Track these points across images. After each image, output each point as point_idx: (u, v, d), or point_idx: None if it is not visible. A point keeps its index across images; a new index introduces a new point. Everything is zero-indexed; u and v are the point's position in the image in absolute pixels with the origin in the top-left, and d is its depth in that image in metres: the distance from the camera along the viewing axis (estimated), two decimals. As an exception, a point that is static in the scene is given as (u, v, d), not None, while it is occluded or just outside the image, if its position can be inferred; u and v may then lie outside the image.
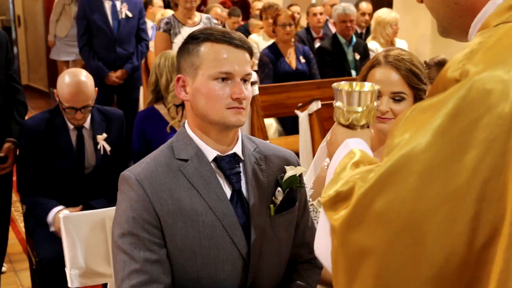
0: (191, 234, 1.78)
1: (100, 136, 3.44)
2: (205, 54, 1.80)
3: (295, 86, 5.38)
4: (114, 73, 5.39)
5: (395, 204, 1.05)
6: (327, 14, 7.58)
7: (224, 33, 1.82)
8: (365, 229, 1.08)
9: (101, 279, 2.84)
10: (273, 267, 1.90)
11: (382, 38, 6.29)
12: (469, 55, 1.10)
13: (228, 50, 1.80)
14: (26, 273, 4.30)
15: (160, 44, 4.97)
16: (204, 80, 1.79)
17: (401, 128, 1.11)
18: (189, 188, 1.80)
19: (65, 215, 2.74)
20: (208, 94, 1.78)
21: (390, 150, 1.10)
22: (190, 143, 1.86)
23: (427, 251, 1.03)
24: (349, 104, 1.51)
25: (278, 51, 5.79)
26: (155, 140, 3.62)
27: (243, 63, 1.82)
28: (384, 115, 2.11)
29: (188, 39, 1.87)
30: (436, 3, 1.28)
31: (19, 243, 4.83)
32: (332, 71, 5.98)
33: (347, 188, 1.16)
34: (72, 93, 3.26)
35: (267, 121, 5.50)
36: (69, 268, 2.73)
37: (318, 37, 7.12)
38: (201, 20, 5.13)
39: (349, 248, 1.11)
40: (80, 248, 2.73)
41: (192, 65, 1.82)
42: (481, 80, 1.03)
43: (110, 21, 5.39)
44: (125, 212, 1.78)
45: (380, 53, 2.21)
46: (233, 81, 1.79)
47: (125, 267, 1.75)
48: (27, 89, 9.21)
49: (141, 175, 1.79)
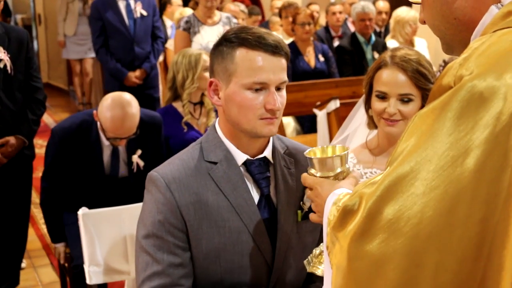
0: (216, 239, 1.76)
1: (134, 156, 3.26)
2: (240, 61, 1.73)
3: (313, 85, 5.36)
4: (133, 73, 5.36)
5: (405, 211, 1.05)
6: (346, 12, 7.55)
7: (260, 38, 1.73)
8: (379, 238, 1.07)
9: (119, 276, 2.86)
10: (296, 272, 1.88)
11: (401, 37, 6.24)
12: (462, 61, 1.12)
13: (264, 57, 1.73)
14: (45, 269, 4.35)
15: (180, 42, 4.97)
16: (237, 88, 1.74)
17: (405, 136, 1.14)
18: (217, 192, 1.78)
19: (84, 212, 2.75)
20: (241, 103, 1.74)
21: (395, 159, 1.12)
22: (220, 146, 1.83)
23: (441, 257, 1.03)
24: (321, 170, 1.54)
25: (297, 49, 5.78)
26: (173, 137, 3.64)
27: (279, 71, 1.75)
28: (392, 117, 2.08)
29: (222, 40, 1.80)
30: (437, 21, 1.31)
31: (38, 239, 4.88)
32: (351, 69, 5.96)
33: (354, 201, 1.16)
34: (117, 127, 3.02)
35: (285, 119, 5.49)
36: (87, 265, 2.75)
37: (337, 36, 7.09)
38: (220, 19, 5.11)
39: (362, 263, 1.09)
40: (98, 246, 2.75)
41: (226, 71, 1.76)
42: (474, 85, 1.05)
43: (126, 21, 5.35)
44: (151, 214, 1.77)
45: (386, 53, 2.17)
46: (267, 90, 1.74)
47: (147, 268, 1.75)
48: (47, 87, 9.27)
49: (168, 177, 1.77)
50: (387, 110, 2.08)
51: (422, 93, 2.09)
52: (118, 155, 3.26)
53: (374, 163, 2.21)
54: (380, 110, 2.11)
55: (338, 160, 1.54)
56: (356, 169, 2.20)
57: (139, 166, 3.31)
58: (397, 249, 1.05)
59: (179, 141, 3.55)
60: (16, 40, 3.52)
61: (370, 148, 2.25)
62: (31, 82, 3.64)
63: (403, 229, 1.04)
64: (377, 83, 2.14)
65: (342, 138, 2.62)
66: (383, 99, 2.11)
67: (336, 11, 7.05)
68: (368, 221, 1.10)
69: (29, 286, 4.11)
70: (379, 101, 2.12)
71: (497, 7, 1.20)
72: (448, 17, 1.27)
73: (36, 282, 4.17)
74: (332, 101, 4.63)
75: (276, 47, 1.74)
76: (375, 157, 2.22)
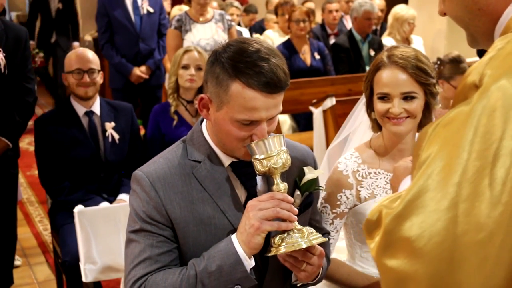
0: (203, 237, 1.76)
1: (108, 123, 3.51)
2: (234, 96, 1.66)
3: (309, 83, 5.36)
4: (138, 68, 5.34)
5: (427, 228, 0.96)
6: (342, 10, 7.55)
7: (258, 74, 1.64)
8: (400, 255, 1.00)
9: (115, 274, 2.86)
10: (286, 269, 1.87)
11: (399, 35, 6.24)
12: (488, 60, 1.07)
13: (259, 98, 1.66)
14: (41, 267, 4.34)
15: (171, 41, 4.97)
16: (227, 118, 1.70)
17: (426, 145, 1.06)
18: (201, 191, 1.78)
19: (79, 210, 2.75)
20: (228, 132, 1.71)
21: (419, 168, 1.03)
22: (204, 145, 1.82)
23: (464, 276, 0.94)
24: (262, 153, 1.69)
25: (293, 47, 5.77)
26: (168, 134, 3.66)
27: (274, 108, 1.70)
28: (398, 116, 2.07)
29: (218, 60, 1.70)
30: (460, 12, 1.26)
31: (34, 237, 4.87)
32: (347, 67, 5.96)
33: (376, 216, 1.10)
34: (78, 56, 3.49)
35: (281, 117, 5.49)
36: (83, 263, 2.75)
37: (333, 33, 7.09)
38: (213, 16, 5.09)
39: (389, 276, 1.03)
40: (94, 243, 2.74)
41: (218, 97, 1.70)
42: (500, 88, 0.99)
43: (132, 17, 5.34)
44: (136, 212, 1.77)
45: (382, 53, 2.14)
46: (258, 123, 1.70)
47: (134, 259, 1.74)
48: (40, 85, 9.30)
49: (153, 176, 1.76)
50: (391, 110, 2.06)
51: (424, 89, 2.07)
52: (95, 125, 3.50)
53: (379, 164, 2.19)
54: (384, 111, 2.08)
55: (275, 140, 1.69)
56: (361, 169, 2.18)
57: (114, 140, 3.49)
58: (418, 270, 0.96)
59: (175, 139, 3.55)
60: (13, 38, 3.49)
61: (374, 148, 2.22)
62: (24, 83, 3.61)
63: (424, 248, 0.95)
64: (377, 85, 2.11)
65: (342, 138, 2.61)
66: (386, 100, 2.08)
67: (332, 9, 7.05)
68: (387, 238, 1.02)
69: (24, 284, 4.10)
70: (382, 102, 2.09)
71: None
72: (472, 8, 1.22)
73: (32, 280, 4.16)
74: (328, 99, 4.63)
75: (275, 86, 1.67)
76: (380, 158, 2.20)
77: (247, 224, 1.66)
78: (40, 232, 4.96)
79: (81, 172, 3.44)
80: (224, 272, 1.67)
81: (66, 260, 3.12)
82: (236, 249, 1.67)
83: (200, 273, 1.68)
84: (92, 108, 3.50)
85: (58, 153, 3.41)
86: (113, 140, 3.51)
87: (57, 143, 3.40)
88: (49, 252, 4.49)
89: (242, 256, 1.67)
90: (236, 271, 1.67)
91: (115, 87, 5.45)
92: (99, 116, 3.51)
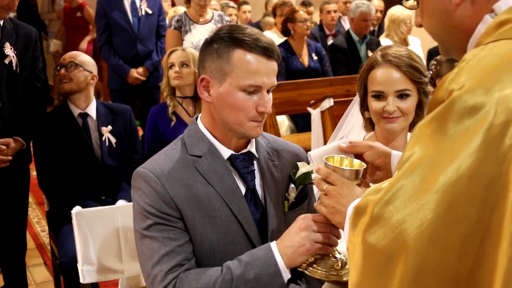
0: (209, 230, 1.78)
1: (105, 128, 3.49)
2: (237, 62, 1.75)
3: (307, 83, 5.37)
4: (135, 70, 5.30)
5: (409, 214, 1.11)
6: (340, 11, 7.55)
7: (256, 40, 1.76)
8: (388, 237, 1.14)
9: (113, 275, 2.85)
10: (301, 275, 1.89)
11: (396, 36, 6.23)
12: (454, 76, 1.16)
13: (260, 61, 1.75)
14: (38, 268, 4.34)
15: (171, 41, 4.98)
16: (232, 88, 1.76)
17: (409, 145, 1.19)
18: (205, 183, 1.80)
19: (77, 211, 2.74)
20: (233, 103, 1.76)
21: (402, 165, 1.17)
22: (203, 139, 1.86)
23: (443, 254, 1.08)
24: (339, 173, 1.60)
25: (291, 48, 5.77)
26: (166, 134, 3.66)
27: (272, 74, 1.79)
28: (392, 114, 2.10)
29: (216, 38, 1.81)
30: (437, 28, 1.34)
31: (31, 239, 4.86)
32: (345, 68, 5.96)
33: (362, 203, 1.24)
34: (66, 55, 3.55)
35: (279, 118, 5.49)
36: (81, 264, 2.74)
37: (331, 34, 7.09)
38: (213, 17, 5.10)
39: (374, 258, 1.17)
40: (92, 244, 2.73)
41: (220, 70, 1.77)
42: (464, 100, 1.09)
43: (130, 19, 5.31)
44: (144, 209, 1.76)
45: (376, 53, 2.18)
46: (259, 93, 1.78)
47: (154, 254, 1.73)
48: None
49: (157, 171, 1.78)
50: (386, 108, 2.09)
51: (418, 87, 2.12)
52: (89, 128, 3.49)
53: None
54: (378, 110, 2.11)
55: (354, 173, 1.60)
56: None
57: (111, 144, 3.49)
58: (404, 248, 1.11)
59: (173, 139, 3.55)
60: (24, 37, 3.43)
61: None
62: (35, 83, 3.55)
63: (408, 230, 1.11)
64: (371, 84, 2.14)
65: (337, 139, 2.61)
66: (380, 98, 2.12)
67: (331, 10, 7.05)
68: (375, 223, 1.17)
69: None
70: (376, 100, 2.12)
71: (491, 16, 1.23)
72: (447, 25, 1.30)
73: (30, 281, 4.15)
74: (326, 100, 4.64)
75: (272, 51, 1.77)
76: None
77: (297, 241, 1.68)
78: (38, 234, 4.95)
79: (79, 174, 3.44)
80: (262, 282, 1.69)
81: (64, 261, 3.12)
82: (276, 260, 1.70)
83: (236, 279, 1.68)
84: (86, 110, 3.49)
85: (55, 155, 3.40)
86: (110, 144, 3.50)
87: (54, 146, 3.40)
88: (47, 253, 4.48)
89: (281, 267, 1.69)
90: (274, 282, 1.69)
91: (114, 88, 5.43)
92: (94, 119, 3.50)
